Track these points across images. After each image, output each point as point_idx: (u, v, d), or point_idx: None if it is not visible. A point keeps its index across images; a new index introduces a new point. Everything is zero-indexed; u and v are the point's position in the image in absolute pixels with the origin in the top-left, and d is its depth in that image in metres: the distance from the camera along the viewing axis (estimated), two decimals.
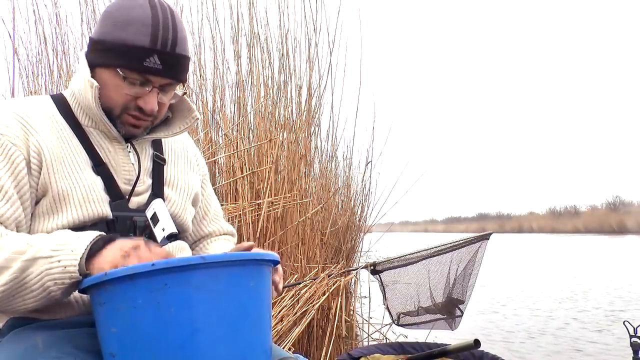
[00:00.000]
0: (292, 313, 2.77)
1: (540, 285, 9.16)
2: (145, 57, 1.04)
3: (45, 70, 3.33)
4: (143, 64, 1.05)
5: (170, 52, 1.06)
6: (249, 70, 3.61)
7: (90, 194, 1.07)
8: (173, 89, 1.14)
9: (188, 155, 1.31)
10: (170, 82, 1.10)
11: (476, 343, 1.59)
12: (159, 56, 1.05)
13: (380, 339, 3.43)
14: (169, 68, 1.07)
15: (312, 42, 3.71)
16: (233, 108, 3.59)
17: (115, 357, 0.87)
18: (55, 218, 1.05)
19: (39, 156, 1.04)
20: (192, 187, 1.27)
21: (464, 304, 2.84)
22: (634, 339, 2.05)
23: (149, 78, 1.07)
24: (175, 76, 1.10)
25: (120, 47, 1.05)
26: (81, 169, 1.08)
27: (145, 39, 1.04)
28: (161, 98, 1.11)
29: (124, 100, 1.08)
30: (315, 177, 3.97)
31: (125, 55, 1.05)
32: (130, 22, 1.05)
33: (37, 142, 1.05)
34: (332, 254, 3.86)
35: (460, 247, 2.84)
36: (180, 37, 1.08)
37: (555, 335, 5.22)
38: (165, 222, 1.08)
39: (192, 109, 1.22)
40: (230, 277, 0.89)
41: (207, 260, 0.86)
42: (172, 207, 1.19)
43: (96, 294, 0.89)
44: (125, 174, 1.13)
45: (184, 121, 1.22)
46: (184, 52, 1.10)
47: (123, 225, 1.08)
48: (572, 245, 24.62)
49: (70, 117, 1.12)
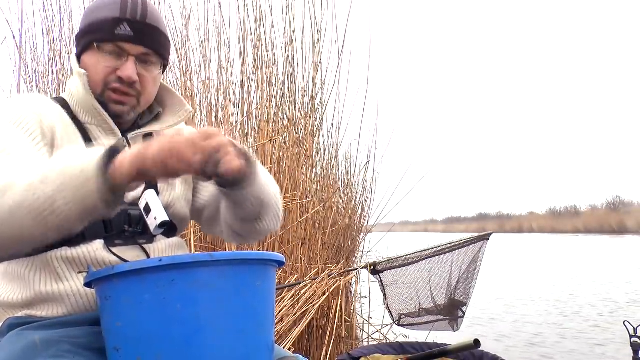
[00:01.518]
0: (292, 313, 2.78)
1: (540, 285, 9.16)
2: (116, 26, 1.10)
3: (49, 70, 3.34)
4: (114, 33, 1.10)
5: (140, 21, 1.12)
6: (253, 70, 3.61)
7: None
8: (153, 63, 1.16)
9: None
10: (144, 50, 1.13)
11: (476, 343, 1.60)
12: (129, 24, 1.11)
13: (380, 339, 3.43)
14: (141, 35, 1.12)
15: (318, 44, 3.71)
16: (236, 108, 3.60)
17: (119, 351, 0.87)
18: None
19: (52, 135, 1.08)
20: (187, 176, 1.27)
21: (465, 305, 2.85)
22: (634, 339, 2.05)
23: (122, 46, 1.11)
24: (149, 44, 1.13)
25: (94, 26, 1.12)
26: None
27: (115, 12, 1.10)
28: (141, 70, 1.13)
29: (104, 74, 1.12)
30: (317, 177, 3.97)
31: (98, 29, 1.12)
32: (100, 5, 1.13)
33: (50, 123, 1.08)
34: (332, 254, 3.87)
35: (460, 248, 2.85)
36: (150, 10, 1.14)
37: (555, 335, 5.22)
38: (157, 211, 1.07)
39: (184, 103, 1.25)
40: (237, 275, 0.89)
41: (214, 258, 0.86)
42: (167, 198, 1.20)
43: (102, 288, 0.89)
44: None
45: (175, 115, 1.24)
46: (154, 23, 1.14)
47: (118, 219, 1.09)
48: (572, 245, 24.61)
49: (72, 115, 1.15)
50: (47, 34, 3.37)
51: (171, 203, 1.21)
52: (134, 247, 1.11)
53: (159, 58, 1.17)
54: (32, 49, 3.37)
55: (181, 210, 1.25)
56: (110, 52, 1.11)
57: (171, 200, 1.21)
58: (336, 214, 3.96)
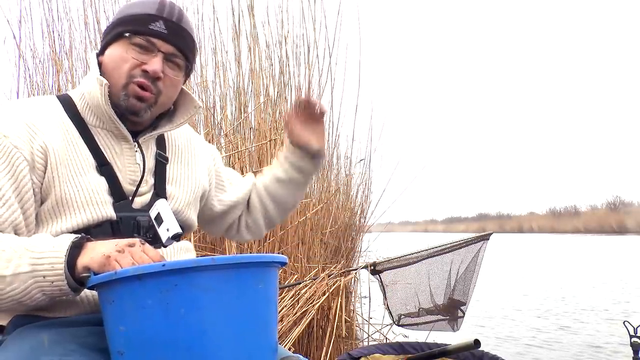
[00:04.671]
0: (292, 313, 2.77)
1: (540, 285, 9.16)
2: (151, 22, 1.11)
3: (50, 70, 3.33)
4: (149, 27, 1.11)
5: (175, 22, 1.14)
6: (249, 70, 3.60)
7: (93, 197, 1.08)
8: (178, 65, 1.16)
9: (193, 147, 1.32)
10: (174, 50, 1.14)
11: (476, 343, 1.59)
12: (164, 22, 1.12)
13: (380, 339, 3.43)
14: (174, 35, 1.13)
15: (312, 42, 3.71)
16: (233, 108, 3.59)
17: (123, 355, 0.87)
18: (58, 222, 1.06)
19: (45, 156, 1.06)
20: (197, 182, 1.28)
21: (465, 305, 2.84)
22: (634, 339, 2.05)
23: (154, 41, 1.12)
24: (180, 44, 1.14)
25: (128, 18, 1.13)
26: (85, 172, 1.09)
27: (152, 9, 1.13)
28: (167, 70, 1.14)
29: (130, 66, 1.11)
30: (315, 177, 3.97)
31: (132, 21, 1.12)
32: (138, 2, 1.15)
33: (43, 143, 1.06)
34: (332, 254, 3.86)
35: (460, 248, 2.84)
36: (185, 17, 1.16)
37: (555, 335, 5.22)
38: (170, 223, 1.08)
39: (193, 99, 1.25)
40: (240, 279, 0.89)
41: (217, 262, 0.86)
42: (175, 204, 1.20)
43: (105, 292, 0.89)
44: (131, 174, 1.14)
45: (186, 112, 1.25)
46: (188, 28, 1.17)
47: (127, 226, 1.09)
48: (572, 245, 24.61)
49: (77, 117, 1.13)
50: (47, 34, 3.36)
51: (180, 210, 1.21)
52: None
53: (185, 62, 1.17)
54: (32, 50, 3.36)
55: (189, 216, 1.25)
56: (141, 45, 1.12)
57: (180, 207, 1.22)
58: (335, 214, 3.96)
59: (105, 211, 1.08)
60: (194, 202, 1.26)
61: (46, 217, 1.06)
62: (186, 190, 1.23)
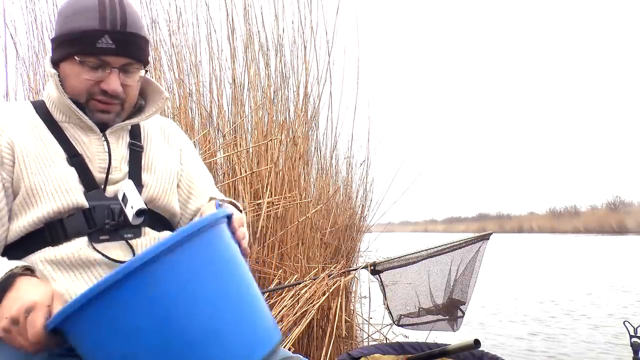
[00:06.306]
0: (292, 313, 2.77)
1: (540, 285, 9.15)
2: (97, 39, 1.08)
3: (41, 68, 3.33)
4: (96, 46, 1.08)
5: (121, 31, 1.10)
6: (245, 70, 3.60)
7: (62, 185, 1.09)
8: (135, 70, 1.16)
9: (166, 134, 1.33)
10: (127, 61, 1.13)
11: (476, 343, 1.59)
12: (110, 36, 1.09)
13: (380, 340, 3.42)
14: (123, 47, 1.11)
15: (309, 42, 3.70)
16: (231, 108, 3.59)
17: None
18: (29, 212, 1.07)
19: (12, 151, 1.08)
20: (174, 168, 1.28)
21: (465, 305, 2.84)
22: (634, 339, 2.05)
23: (105, 59, 1.10)
24: (131, 54, 1.13)
25: (73, 36, 1.10)
26: (54, 162, 1.10)
27: (94, 22, 1.09)
28: (124, 80, 1.14)
29: (86, 86, 1.12)
30: (315, 177, 3.97)
31: (78, 41, 1.09)
32: (78, 10, 1.10)
33: (9, 139, 1.09)
34: (332, 254, 3.86)
35: (460, 247, 2.84)
36: (130, 16, 1.12)
37: (554, 335, 5.22)
38: (134, 200, 1.08)
39: (161, 91, 1.25)
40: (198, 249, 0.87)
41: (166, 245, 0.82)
42: (152, 191, 1.19)
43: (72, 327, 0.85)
44: (101, 162, 1.15)
45: (155, 104, 1.25)
46: (135, 30, 1.13)
47: (101, 214, 1.10)
48: (572, 245, 24.61)
49: (47, 116, 1.16)
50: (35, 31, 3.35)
51: (157, 196, 1.20)
52: (119, 243, 1.10)
53: (141, 64, 1.17)
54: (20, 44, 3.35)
55: (169, 202, 1.23)
56: (92, 65, 1.10)
57: (157, 194, 1.21)
58: (335, 214, 3.96)
59: (76, 198, 1.09)
60: (171, 189, 1.25)
61: (19, 209, 1.08)
62: (162, 177, 1.23)
